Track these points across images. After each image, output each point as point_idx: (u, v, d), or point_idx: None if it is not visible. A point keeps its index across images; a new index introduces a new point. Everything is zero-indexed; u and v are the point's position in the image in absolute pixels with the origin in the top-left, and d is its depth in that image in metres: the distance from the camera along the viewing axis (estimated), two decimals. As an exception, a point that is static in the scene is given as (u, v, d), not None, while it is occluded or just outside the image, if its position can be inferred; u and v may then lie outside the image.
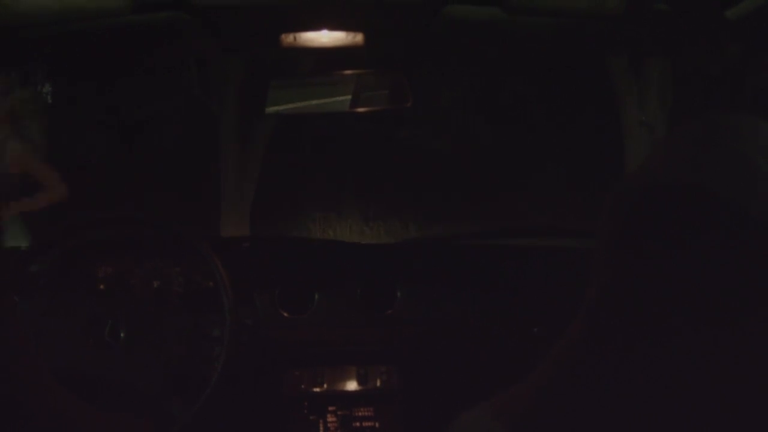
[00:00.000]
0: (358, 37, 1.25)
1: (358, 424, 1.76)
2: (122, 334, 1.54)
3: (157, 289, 1.65)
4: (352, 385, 1.76)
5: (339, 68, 1.60)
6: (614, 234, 0.56)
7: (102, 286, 1.65)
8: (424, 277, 1.81)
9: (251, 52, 1.52)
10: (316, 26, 1.22)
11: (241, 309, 1.63)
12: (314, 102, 1.65)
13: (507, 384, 0.61)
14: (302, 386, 1.75)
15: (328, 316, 1.76)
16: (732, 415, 0.51)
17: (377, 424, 1.76)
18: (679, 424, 0.51)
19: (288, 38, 1.25)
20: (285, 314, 1.75)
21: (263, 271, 1.80)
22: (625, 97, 7.08)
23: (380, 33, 1.28)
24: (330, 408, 1.76)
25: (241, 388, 1.71)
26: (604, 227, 0.57)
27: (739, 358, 0.50)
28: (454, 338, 1.75)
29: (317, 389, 1.75)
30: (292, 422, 1.75)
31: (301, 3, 1.17)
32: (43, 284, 1.62)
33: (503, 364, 1.71)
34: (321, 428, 1.75)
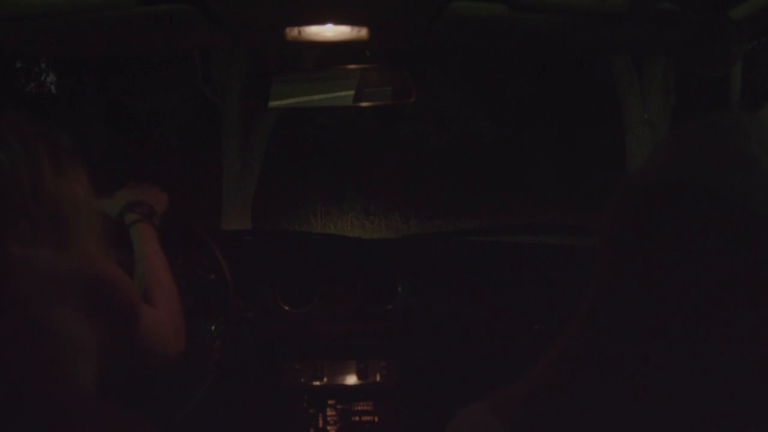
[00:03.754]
0: (362, 32, 1.25)
1: (357, 418, 1.76)
2: None
3: None
4: (351, 379, 1.76)
5: (343, 63, 1.60)
6: (616, 232, 0.56)
7: None
8: (425, 272, 1.81)
9: (255, 45, 1.51)
10: (321, 20, 1.22)
11: (242, 302, 1.64)
12: (317, 97, 1.64)
13: (506, 380, 0.60)
14: (302, 380, 1.76)
15: (328, 310, 1.77)
16: (732, 414, 0.51)
17: (376, 419, 1.76)
18: (679, 422, 0.51)
19: (293, 32, 1.25)
20: (286, 308, 1.76)
21: (264, 264, 1.81)
22: (628, 96, 7.09)
23: (385, 28, 1.27)
24: (329, 401, 1.76)
25: (241, 381, 1.72)
26: (606, 225, 0.57)
27: (740, 357, 0.50)
28: (454, 334, 1.76)
29: (317, 383, 1.75)
30: (292, 415, 1.76)
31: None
32: None
33: (503, 360, 1.71)
34: (320, 422, 1.76)
